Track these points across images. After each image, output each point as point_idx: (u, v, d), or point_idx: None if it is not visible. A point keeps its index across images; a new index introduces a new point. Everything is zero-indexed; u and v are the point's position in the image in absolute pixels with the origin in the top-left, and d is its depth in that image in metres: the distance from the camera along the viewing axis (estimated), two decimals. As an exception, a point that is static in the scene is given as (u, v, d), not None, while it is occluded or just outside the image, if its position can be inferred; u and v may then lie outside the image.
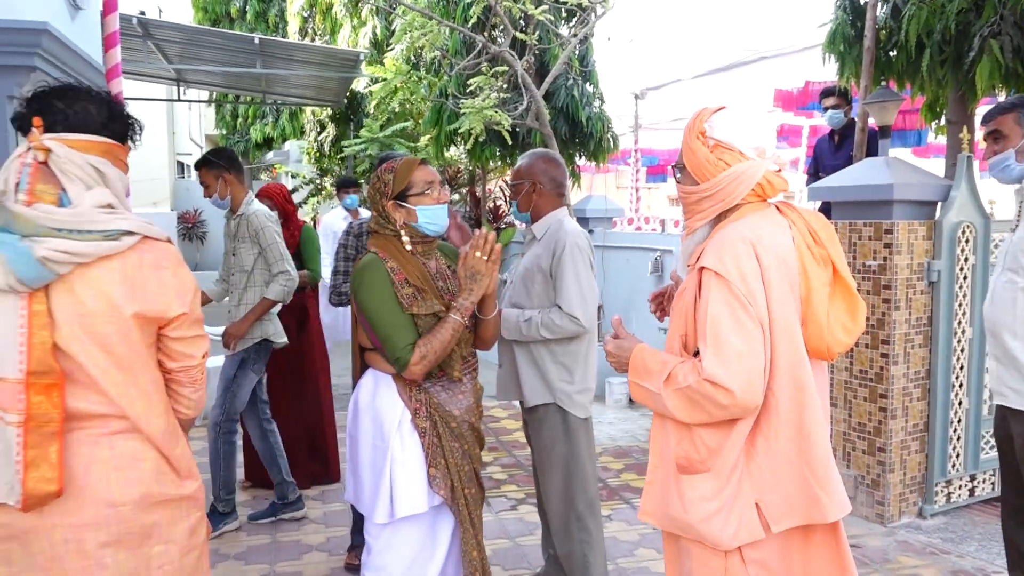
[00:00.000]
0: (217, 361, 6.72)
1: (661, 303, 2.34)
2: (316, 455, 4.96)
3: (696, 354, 1.95)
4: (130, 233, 1.77)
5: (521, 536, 4.18)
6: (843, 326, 1.97)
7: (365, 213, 7.44)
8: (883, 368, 4.29)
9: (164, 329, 1.85)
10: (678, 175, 2.08)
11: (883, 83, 5.26)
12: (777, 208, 2.03)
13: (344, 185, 7.45)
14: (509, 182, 3.15)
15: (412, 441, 2.40)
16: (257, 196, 4.80)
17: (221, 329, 4.23)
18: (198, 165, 4.31)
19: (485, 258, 2.36)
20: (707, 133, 1.98)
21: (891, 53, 5.28)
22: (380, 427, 2.42)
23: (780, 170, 2.01)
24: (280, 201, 4.89)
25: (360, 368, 2.56)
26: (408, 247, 2.45)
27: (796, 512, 1.91)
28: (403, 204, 2.44)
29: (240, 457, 4.80)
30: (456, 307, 2.38)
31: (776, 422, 1.90)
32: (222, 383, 4.24)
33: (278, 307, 4.30)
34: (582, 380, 3.17)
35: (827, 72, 6.40)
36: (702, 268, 1.91)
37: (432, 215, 2.46)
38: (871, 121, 5.36)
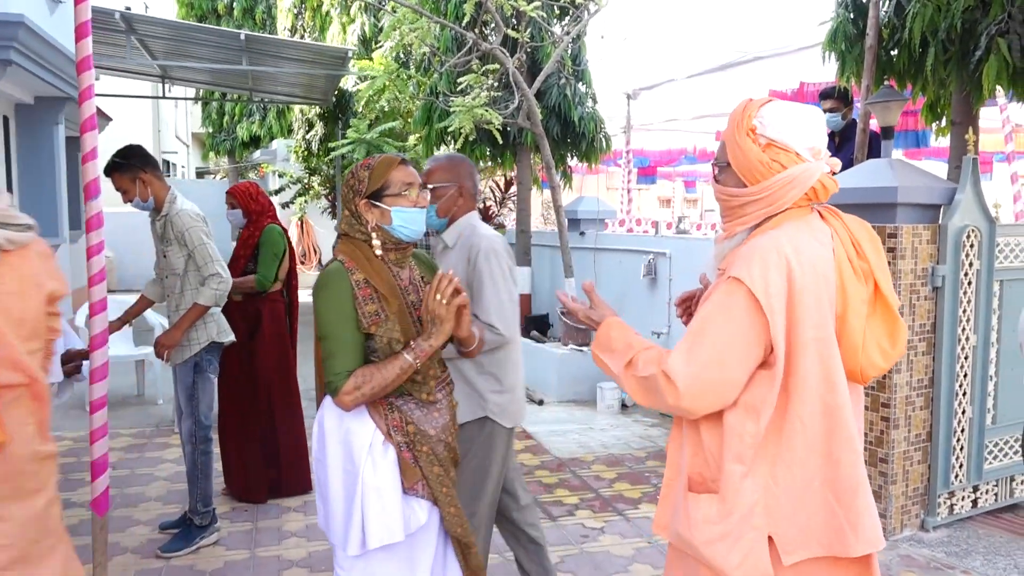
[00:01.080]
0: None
1: (689, 307, 2.20)
2: (272, 464, 4.75)
3: None
4: (30, 227, 2.00)
5: (510, 551, 4.03)
6: (880, 348, 1.83)
7: None
8: (886, 376, 4.17)
9: (51, 305, 2.04)
10: (718, 174, 1.92)
11: (884, 83, 5.15)
12: (820, 215, 1.89)
13: None
14: (428, 186, 2.88)
15: (385, 464, 2.21)
16: (227, 194, 4.76)
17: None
18: (107, 171, 3.93)
19: (444, 301, 2.16)
20: (757, 130, 1.82)
21: (892, 52, 5.18)
22: (349, 450, 2.22)
23: (834, 172, 1.88)
24: (243, 200, 4.68)
25: (321, 386, 2.34)
26: (378, 252, 2.28)
27: (814, 542, 1.78)
28: (377, 204, 2.28)
29: (217, 466, 4.67)
30: (413, 347, 2.19)
31: (801, 450, 1.77)
32: (183, 394, 4.07)
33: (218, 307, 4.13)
34: (511, 389, 2.99)
35: (824, 72, 6.32)
36: (730, 278, 1.78)
37: (407, 218, 2.29)
38: (872, 123, 5.25)
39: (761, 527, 1.77)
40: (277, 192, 16.23)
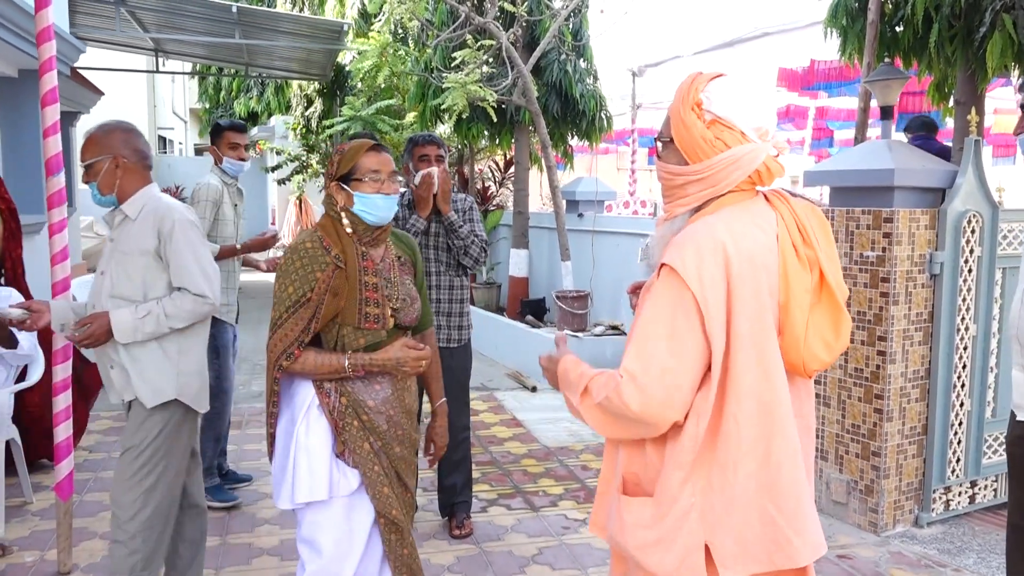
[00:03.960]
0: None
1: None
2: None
3: None
4: None
5: (488, 541, 4.01)
6: (824, 341, 1.75)
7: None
8: (879, 366, 4.11)
9: None
10: (661, 151, 1.83)
11: (887, 60, 5.04)
12: (766, 198, 1.81)
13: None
14: (81, 162, 2.89)
15: (318, 426, 2.36)
16: None
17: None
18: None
19: (422, 363, 2.41)
20: (703, 105, 1.74)
21: (897, 28, 5.07)
22: (292, 409, 2.41)
23: (779, 155, 1.80)
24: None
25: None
26: (348, 230, 2.41)
27: (753, 557, 1.69)
28: (344, 187, 2.41)
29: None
30: (353, 360, 2.34)
31: (736, 453, 1.68)
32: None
33: None
34: (200, 367, 2.95)
35: (831, 51, 6.19)
36: (662, 264, 1.70)
37: (368, 204, 2.39)
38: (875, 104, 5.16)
39: (696, 532, 1.69)
40: (274, 169, 16.18)
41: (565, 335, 2.09)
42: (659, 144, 1.85)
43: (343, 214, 2.41)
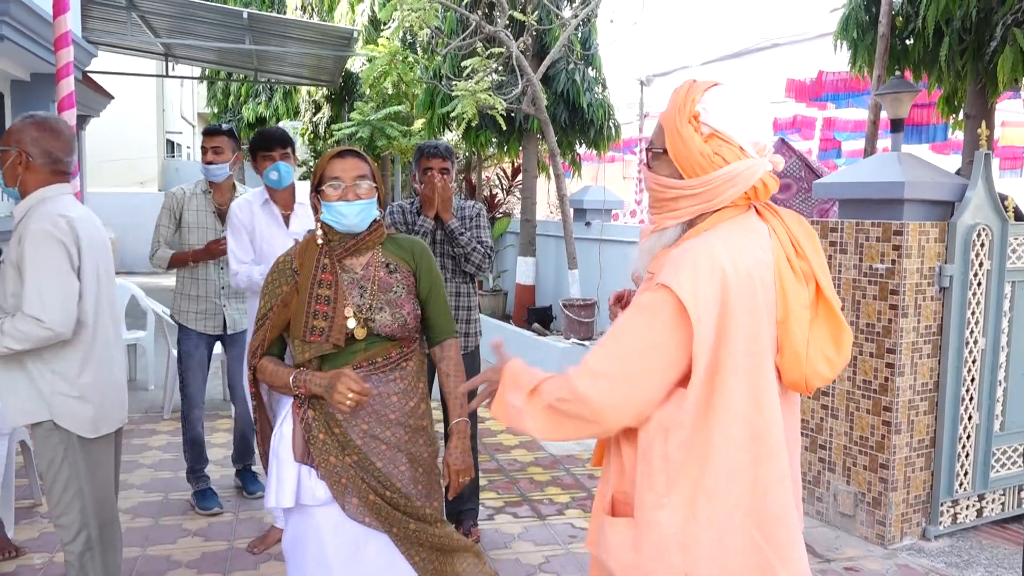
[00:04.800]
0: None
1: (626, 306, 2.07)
2: None
3: None
4: None
5: (495, 549, 4.02)
6: (825, 357, 1.71)
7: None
8: (888, 379, 4.12)
9: None
10: (652, 161, 1.76)
11: (897, 73, 5.07)
12: (756, 211, 1.78)
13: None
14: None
15: (290, 435, 2.40)
16: None
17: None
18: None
19: (350, 395, 2.23)
20: (701, 118, 1.67)
21: (907, 41, 5.10)
22: (275, 417, 2.50)
23: (773, 169, 1.74)
24: None
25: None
26: (319, 241, 2.41)
27: None
28: (317, 196, 2.42)
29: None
30: (296, 378, 2.32)
31: (723, 478, 1.63)
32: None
33: None
34: (86, 391, 2.75)
35: (841, 62, 6.22)
36: (658, 284, 1.65)
37: (332, 212, 2.36)
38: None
39: (677, 567, 1.63)
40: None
41: (501, 341, 2.03)
42: (648, 153, 1.78)
43: (318, 224, 2.42)
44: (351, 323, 2.33)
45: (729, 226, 1.70)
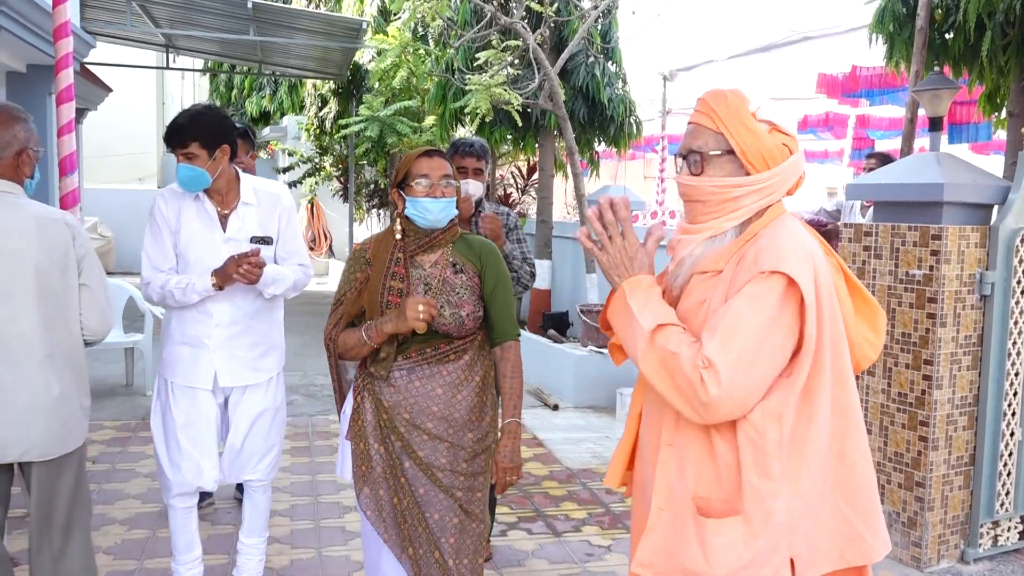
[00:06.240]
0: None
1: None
2: None
3: None
4: None
5: (508, 567, 4.02)
6: (868, 340, 1.90)
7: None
8: (925, 392, 4.09)
9: None
10: (703, 163, 1.86)
11: (936, 69, 5.04)
12: None
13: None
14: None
15: (348, 415, 2.69)
16: None
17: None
18: None
19: (419, 308, 2.45)
20: (758, 115, 1.84)
21: (947, 35, 5.07)
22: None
23: None
24: None
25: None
26: (398, 236, 2.63)
27: (825, 555, 1.78)
28: (401, 193, 2.64)
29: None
30: (368, 329, 2.57)
31: (819, 456, 1.76)
32: None
33: None
34: None
35: (876, 57, 6.19)
36: (760, 272, 1.73)
37: (417, 208, 2.58)
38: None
39: (784, 551, 1.73)
40: (285, 170, 16.29)
41: (612, 199, 1.90)
42: (697, 158, 1.87)
43: (398, 219, 2.65)
44: None
45: (785, 218, 1.85)
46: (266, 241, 3.30)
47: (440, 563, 2.56)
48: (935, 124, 4.74)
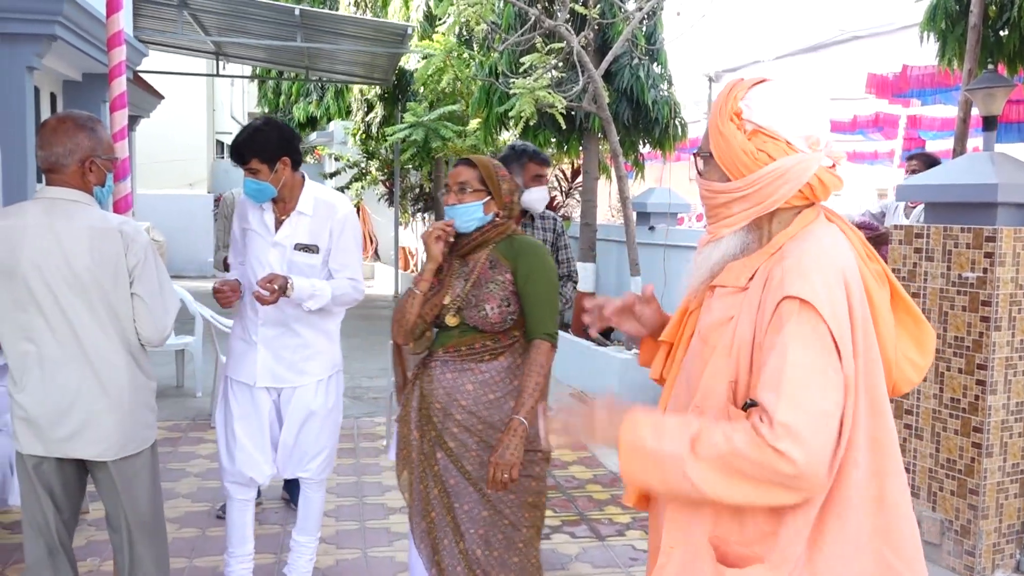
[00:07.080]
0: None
1: (603, 315, 2.02)
2: None
3: (746, 408, 1.59)
4: None
5: (552, 570, 4.00)
6: (911, 361, 1.69)
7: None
8: (979, 397, 4.00)
9: None
10: (702, 166, 1.75)
11: (990, 66, 4.93)
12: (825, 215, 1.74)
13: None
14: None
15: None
16: None
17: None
18: None
19: (432, 229, 2.75)
20: (744, 115, 1.67)
21: (1001, 32, 4.96)
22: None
23: (834, 166, 1.70)
24: None
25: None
26: (450, 239, 2.79)
27: None
28: None
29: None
30: (413, 282, 2.80)
31: (853, 495, 1.57)
32: None
33: None
34: (18, 410, 2.80)
35: (927, 55, 6.08)
36: (786, 297, 1.57)
37: (450, 213, 2.77)
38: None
39: None
40: (332, 175, 16.47)
41: (579, 393, 1.86)
42: (699, 160, 1.77)
43: None
44: (447, 310, 2.72)
45: (824, 230, 1.68)
46: (310, 249, 3.36)
47: (464, 553, 2.63)
48: (989, 123, 4.64)
